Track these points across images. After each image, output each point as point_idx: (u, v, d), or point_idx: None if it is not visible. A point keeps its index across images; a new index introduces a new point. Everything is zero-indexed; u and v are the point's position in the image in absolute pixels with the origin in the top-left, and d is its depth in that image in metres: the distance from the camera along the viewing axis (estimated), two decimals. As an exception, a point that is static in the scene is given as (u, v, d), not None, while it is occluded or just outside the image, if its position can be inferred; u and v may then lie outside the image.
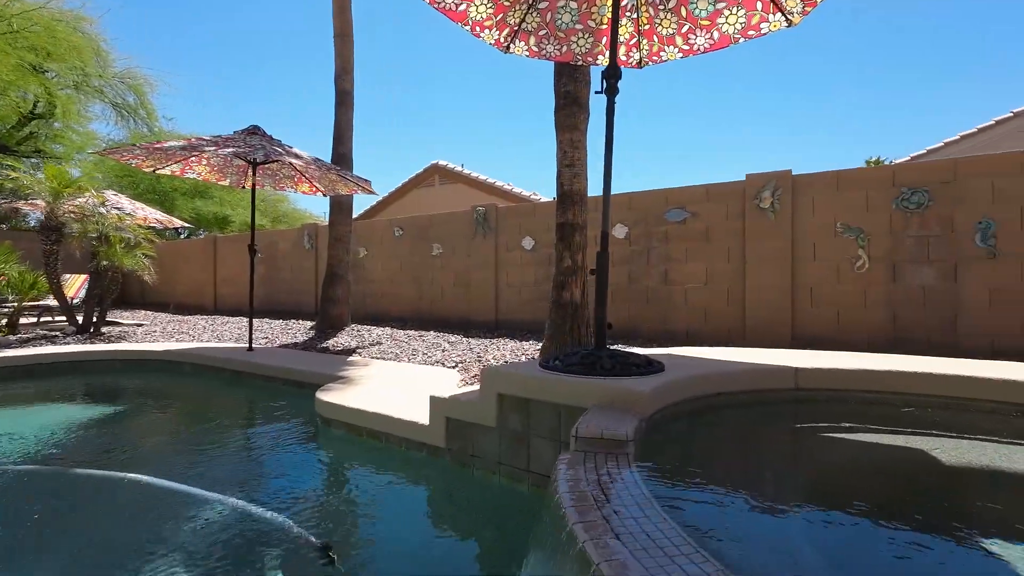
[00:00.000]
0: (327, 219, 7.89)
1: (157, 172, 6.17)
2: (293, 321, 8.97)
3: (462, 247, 8.06)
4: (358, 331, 7.31)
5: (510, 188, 15.75)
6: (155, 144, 5.07)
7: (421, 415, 2.86)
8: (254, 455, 3.19)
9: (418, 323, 8.46)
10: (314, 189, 7.10)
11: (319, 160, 5.80)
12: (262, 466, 2.96)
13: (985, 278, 4.68)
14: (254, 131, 5.82)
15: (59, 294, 7.25)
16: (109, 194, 9.62)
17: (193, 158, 6.21)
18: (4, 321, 7.37)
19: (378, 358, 5.51)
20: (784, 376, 2.70)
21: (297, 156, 5.47)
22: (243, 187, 6.90)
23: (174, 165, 6.17)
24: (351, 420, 3.19)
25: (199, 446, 3.39)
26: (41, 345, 6.23)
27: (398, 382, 4.03)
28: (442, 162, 17.28)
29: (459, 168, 16.81)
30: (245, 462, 3.08)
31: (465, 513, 2.44)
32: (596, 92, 2.76)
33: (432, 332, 7.38)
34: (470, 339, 6.67)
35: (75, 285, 10.40)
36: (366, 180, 6.33)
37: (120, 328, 8.35)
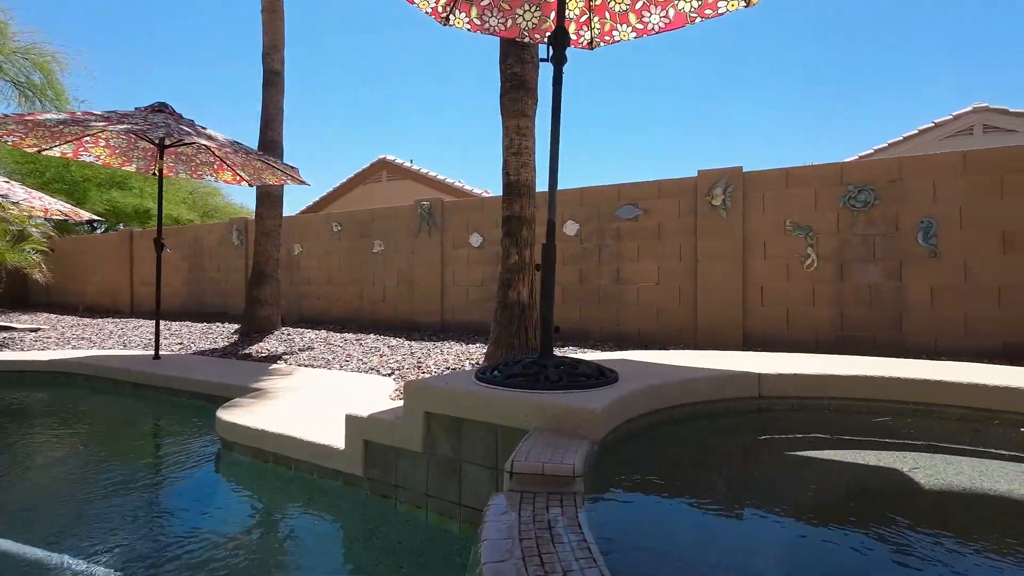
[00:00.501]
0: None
1: (43, 153, 5.32)
2: (218, 324, 8.16)
3: (405, 244, 7.55)
4: (289, 335, 6.67)
5: (461, 185, 15.28)
6: (29, 116, 4.29)
7: (337, 436, 2.41)
8: (130, 492, 2.62)
9: (358, 326, 7.88)
10: (237, 178, 6.41)
11: (238, 144, 5.17)
12: (133, 508, 2.40)
13: (927, 277, 4.71)
14: (159, 108, 5.10)
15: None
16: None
17: (88, 139, 5.40)
18: None
19: (306, 365, 4.96)
20: (747, 384, 2.44)
21: (210, 138, 4.83)
22: (152, 173, 6.12)
23: (64, 146, 5.34)
24: (255, 443, 2.69)
25: (59, 484, 2.78)
26: None
27: (322, 394, 3.54)
28: (390, 157, 16.58)
29: (408, 164, 16.18)
30: (109, 503, 2.49)
31: (384, 559, 2.02)
32: (542, 60, 2.41)
33: (372, 335, 6.85)
34: (413, 343, 6.20)
35: None
36: (294, 168, 5.73)
37: (7, 334, 7.28)
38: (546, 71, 5.64)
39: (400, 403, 2.62)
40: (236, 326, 7.51)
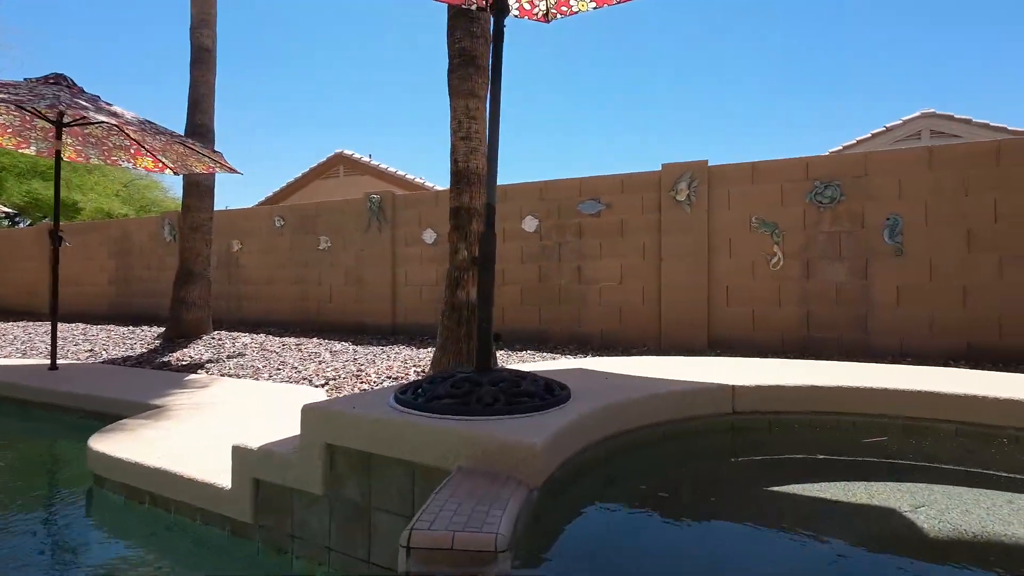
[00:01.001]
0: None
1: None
2: (145, 328, 7.38)
3: (354, 240, 7.01)
4: (220, 340, 6.03)
5: (422, 181, 14.72)
6: None
7: (226, 471, 1.93)
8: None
9: (302, 329, 7.27)
10: (159, 164, 5.73)
11: (149, 124, 4.53)
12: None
13: (893, 276, 4.56)
14: (55, 80, 4.43)
15: None
16: None
17: (-30, 115, 4.65)
18: None
19: (230, 375, 4.39)
20: (720, 398, 2.11)
21: (114, 115, 4.19)
22: (77, 157, 5.38)
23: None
24: (129, 479, 2.18)
25: None
26: None
27: (234, 413, 3.02)
28: (347, 151, 15.85)
29: (366, 159, 15.50)
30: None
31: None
32: (479, 8, 2.00)
33: (316, 339, 6.29)
34: (359, 347, 5.69)
35: None
36: (217, 152, 5.13)
37: None
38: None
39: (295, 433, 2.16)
40: (163, 330, 6.78)
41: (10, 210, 9.47)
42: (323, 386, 3.91)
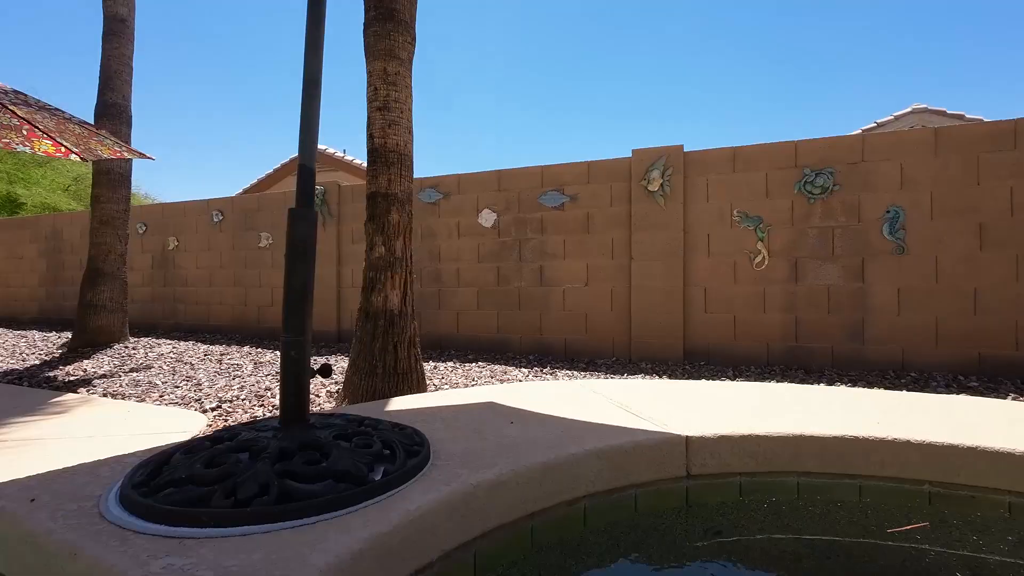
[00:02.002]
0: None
1: None
2: (61, 334, 6.61)
3: (297, 237, 6.29)
4: (132, 349, 5.30)
5: None
6: None
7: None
8: None
9: (242, 335, 6.56)
10: (63, 149, 4.99)
11: (20, 94, 3.81)
12: None
13: (893, 277, 3.96)
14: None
15: None
16: None
17: None
18: None
19: (116, 394, 3.68)
20: (668, 456, 1.46)
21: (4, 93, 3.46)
22: None
23: None
24: None
25: None
26: None
27: (55, 452, 2.32)
28: (319, 147, 15.07)
29: (340, 154, 14.76)
30: None
31: None
32: None
33: (247, 348, 5.58)
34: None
35: None
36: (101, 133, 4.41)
37: None
38: (426, 5, 4.55)
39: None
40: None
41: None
42: (214, 410, 3.21)
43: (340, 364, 4.62)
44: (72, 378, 4.22)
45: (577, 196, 4.94)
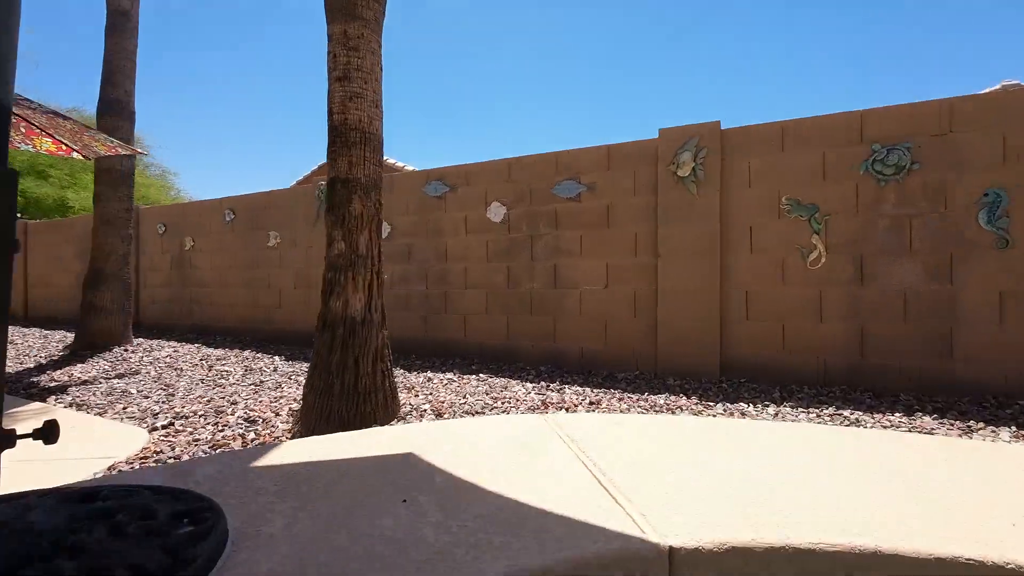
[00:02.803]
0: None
1: None
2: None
3: (303, 236, 6.00)
4: (130, 352, 5.12)
5: (402, 165, 13.70)
6: None
7: None
8: None
9: (252, 338, 6.34)
10: (62, 147, 4.86)
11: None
12: None
13: (992, 277, 3.12)
14: None
15: None
16: None
17: None
18: None
19: (80, 404, 3.40)
20: (638, 583, 0.87)
21: None
22: None
23: None
24: None
25: None
26: None
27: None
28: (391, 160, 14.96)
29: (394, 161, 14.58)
30: None
31: None
32: None
33: (248, 352, 5.31)
34: (288, 364, 4.68)
35: None
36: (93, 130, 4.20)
37: None
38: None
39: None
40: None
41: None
42: (164, 427, 2.84)
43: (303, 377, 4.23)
44: (53, 384, 4.02)
45: (595, 185, 4.33)
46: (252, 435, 2.57)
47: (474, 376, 4.01)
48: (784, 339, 3.64)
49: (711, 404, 3.11)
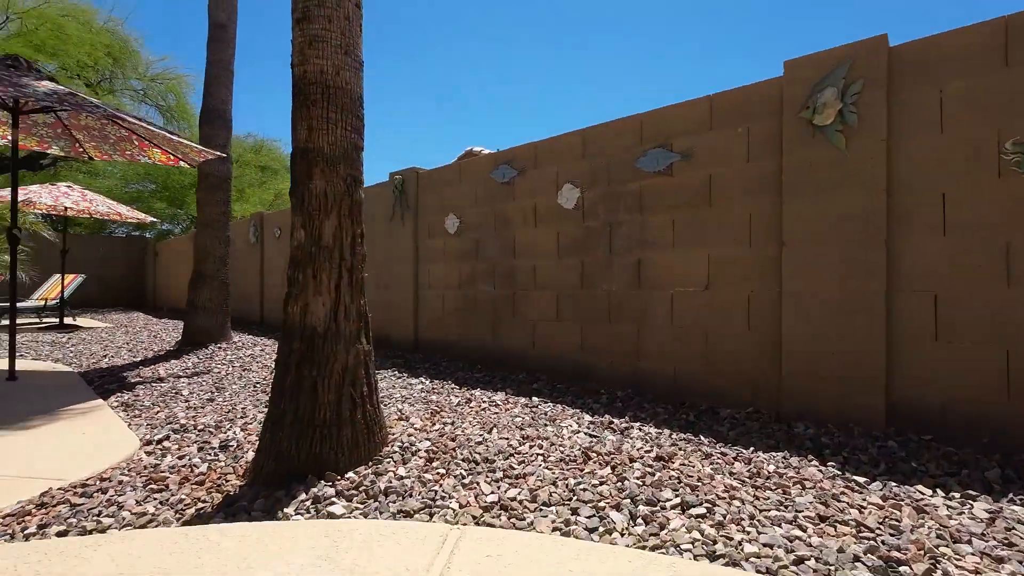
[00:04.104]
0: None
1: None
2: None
3: (382, 232, 5.75)
4: (221, 350, 5.30)
5: (480, 150, 13.17)
6: None
7: None
8: None
9: (339, 338, 6.31)
10: (172, 158, 5.22)
11: (97, 107, 3.80)
12: None
13: None
14: (12, 63, 4.00)
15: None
16: (62, 186, 8.70)
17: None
18: None
19: (130, 405, 3.38)
20: None
21: (77, 105, 3.48)
22: (38, 146, 5.17)
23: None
24: None
25: None
26: None
27: None
28: (476, 148, 15.12)
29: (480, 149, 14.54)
30: None
31: None
32: None
33: (322, 354, 5.17)
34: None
35: (54, 287, 9.75)
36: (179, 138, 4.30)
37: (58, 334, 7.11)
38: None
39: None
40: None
41: (153, 219, 10.63)
42: (159, 441, 2.57)
43: (402, 381, 3.78)
44: (135, 379, 4.18)
45: (692, 152, 3.22)
46: (206, 467, 2.12)
47: (524, 399, 3.21)
48: (1009, 374, 2.21)
49: (862, 481, 1.90)
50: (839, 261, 2.61)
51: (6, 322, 9.62)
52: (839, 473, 1.98)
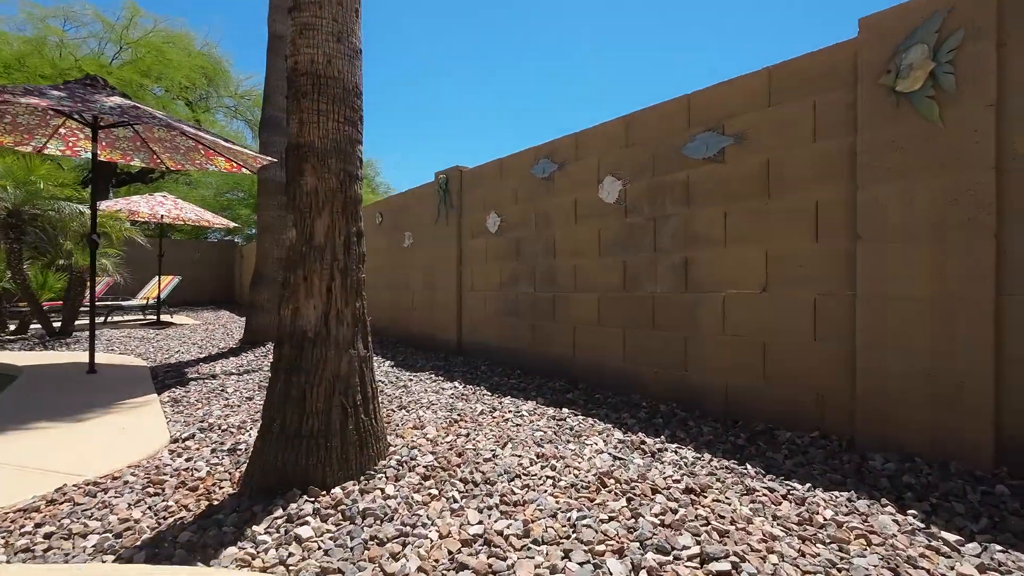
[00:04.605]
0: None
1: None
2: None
3: (427, 233, 5.71)
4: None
5: None
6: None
7: None
8: None
9: (392, 340, 6.38)
10: (233, 165, 5.52)
11: (164, 119, 4.06)
12: None
13: None
14: (90, 83, 4.37)
15: (27, 295, 6.88)
16: (158, 196, 9.62)
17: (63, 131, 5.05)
18: None
19: (178, 401, 3.53)
20: None
21: (153, 117, 3.80)
22: (121, 159, 5.60)
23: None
24: None
25: None
26: (-33, 351, 5.74)
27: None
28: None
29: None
30: None
31: None
32: None
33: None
34: (400, 369, 4.37)
35: (153, 288, 10.82)
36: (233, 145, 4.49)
37: (135, 331, 7.91)
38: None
39: None
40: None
41: (232, 224, 11.45)
42: (184, 440, 2.62)
43: (436, 386, 3.70)
44: (194, 376, 4.41)
45: (746, 135, 2.81)
46: (206, 472, 2.09)
47: (553, 411, 2.96)
48: None
49: (953, 540, 1.47)
50: (932, 257, 2.12)
51: (117, 318, 10.81)
52: (922, 527, 1.56)
